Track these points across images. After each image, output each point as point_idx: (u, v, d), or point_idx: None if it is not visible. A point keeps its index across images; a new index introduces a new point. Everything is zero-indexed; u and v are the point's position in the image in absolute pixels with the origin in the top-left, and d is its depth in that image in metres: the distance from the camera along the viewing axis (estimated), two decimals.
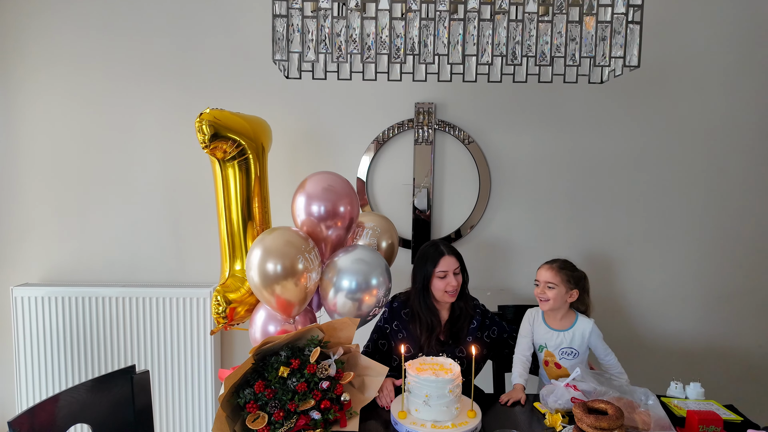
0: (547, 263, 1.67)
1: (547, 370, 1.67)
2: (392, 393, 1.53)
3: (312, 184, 1.65)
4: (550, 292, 1.61)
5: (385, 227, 1.85)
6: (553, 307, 1.63)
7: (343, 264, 1.60)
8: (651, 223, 2.27)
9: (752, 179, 2.24)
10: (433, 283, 1.68)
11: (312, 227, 1.63)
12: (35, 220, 2.25)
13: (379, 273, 1.61)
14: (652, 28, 2.10)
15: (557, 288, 1.61)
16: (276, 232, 1.58)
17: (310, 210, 1.61)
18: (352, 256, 1.61)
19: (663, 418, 1.34)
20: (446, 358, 1.47)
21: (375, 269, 1.60)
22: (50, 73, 2.20)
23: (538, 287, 1.65)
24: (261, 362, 1.39)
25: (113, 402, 1.38)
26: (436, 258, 1.68)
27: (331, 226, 1.63)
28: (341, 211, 1.63)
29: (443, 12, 1.26)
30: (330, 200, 1.61)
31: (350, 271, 1.58)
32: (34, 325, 2.12)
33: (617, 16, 1.26)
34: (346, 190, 1.67)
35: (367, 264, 1.60)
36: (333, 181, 1.66)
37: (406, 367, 1.42)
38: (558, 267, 1.64)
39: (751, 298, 2.28)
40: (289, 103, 2.21)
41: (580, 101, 2.22)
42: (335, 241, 1.67)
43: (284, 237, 1.55)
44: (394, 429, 1.38)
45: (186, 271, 2.28)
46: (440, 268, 1.67)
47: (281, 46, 1.27)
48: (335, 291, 1.59)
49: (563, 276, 1.62)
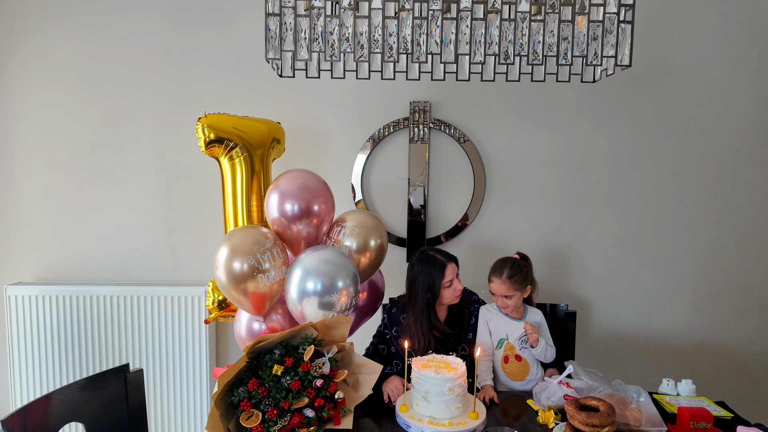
0: (495, 276, 1.68)
1: (507, 368, 1.68)
2: (400, 389, 1.54)
3: (286, 182, 1.61)
4: (509, 302, 1.68)
5: (372, 225, 1.71)
6: (514, 309, 1.71)
7: (300, 265, 1.54)
8: (644, 221, 2.29)
9: (743, 178, 2.26)
10: (443, 294, 1.66)
11: (282, 226, 1.61)
12: (29, 219, 2.24)
13: (336, 277, 1.50)
14: (644, 27, 2.12)
15: (514, 296, 1.68)
16: (236, 231, 1.58)
17: (283, 208, 1.58)
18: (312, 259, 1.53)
19: (654, 414, 1.35)
20: (455, 357, 1.48)
21: (341, 272, 1.51)
22: (44, 72, 2.19)
23: (497, 299, 1.70)
24: (255, 360, 1.39)
25: (107, 401, 1.38)
26: (441, 270, 1.64)
27: (304, 224, 1.59)
28: (315, 209, 1.59)
29: (436, 11, 1.26)
30: (304, 198, 1.58)
31: (315, 272, 1.51)
32: (27, 324, 2.12)
33: (609, 16, 1.27)
34: (321, 188, 1.63)
35: (332, 265, 1.51)
36: (307, 179, 1.62)
37: (411, 362, 1.44)
38: (507, 277, 1.66)
39: (742, 295, 2.30)
40: (283, 102, 2.21)
41: (573, 100, 2.23)
42: (308, 240, 1.64)
43: (238, 237, 1.54)
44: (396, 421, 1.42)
45: (180, 269, 2.28)
46: (447, 279, 1.64)
47: (274, 45, 1.27)
48: (288, 291, 1.55)
49: (515, 284, 1.66)
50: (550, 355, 1.68)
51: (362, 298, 1.80)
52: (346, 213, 1.77)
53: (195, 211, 2.25)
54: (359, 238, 1.67)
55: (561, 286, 2.30)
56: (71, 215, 2.24)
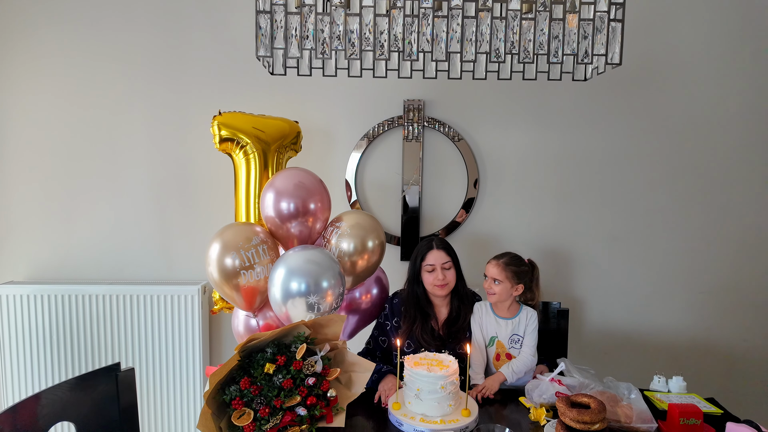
0: (495, 258, 1.72)
1: (498, 366, 1.69)
2: (394, 388, 1.54)
3: (281, 180, 1.61)
4: (496, 287, 1.67)
5: (370, 226, 1.72)
6: (500, 300, 1.69)
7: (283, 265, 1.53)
8: (636, 219, 2.30)
9: (736, 176, 2.27)
10: (423, 276, 1.70)
11: (275, 224, 1.60)
12: (20, 217, 2.23)
13: (319, 277, 1.49)
14: (636, 25, 2.12)
15: (503, 284, 1.67)
16: (228, 227, 1.59)
17: (279, 206, 1.58)
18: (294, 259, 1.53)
19: (645, 411, 1.36)
20: (447, 355, 1.48)
21: (326, 271, 1.50)
22: (36, 70, 2.17)
23: (486, 281, 1.71)
24: (247, 359, 1.38)
25: (97, 400, 1.37)
26: (425, 252, 1.71)
27: (298, 222, 1.59)
28: (311, 208, 1.59)
29: (427, 9, 1.26)
30: (300, 197, 1.58)
31: (300, 272, 1.50)
32: (19, 323, 2.11)
33: (599, 14, 1.27)
34: (317, 186, 1.63)
35: (317, 265, 1.50)
36: (303, 178, 1.62)
37: (403, 360, 1.44)
38: (504, 264, 1.68)
39: (734, 293, 2.32)
40: (277, 100, 2.21)
41: (567, 99, 2.24)
42: (301, 238, 1.64)
43: (228, 233, 1.55)
44: (388, 419, 1.42)
45: (173, 268, 2.27)
46: (428, 262, 1.69)
47: (265, 43, 1.27)
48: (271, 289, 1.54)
49: (509, 273, 1.67)
50: (526, 368, 1.64)
51: (368, 300, 1.80)
52: (343, 213, 1.76)
53: (188, 210, 2.24)
54: (356, 239, 1.66)
55: (554, 284, 2.31)
56: (63, 214, 2.23)
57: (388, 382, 1.58)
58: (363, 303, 1.79)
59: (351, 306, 1.78)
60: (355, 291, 1.78)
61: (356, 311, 1.79)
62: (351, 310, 1.78)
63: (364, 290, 1.80)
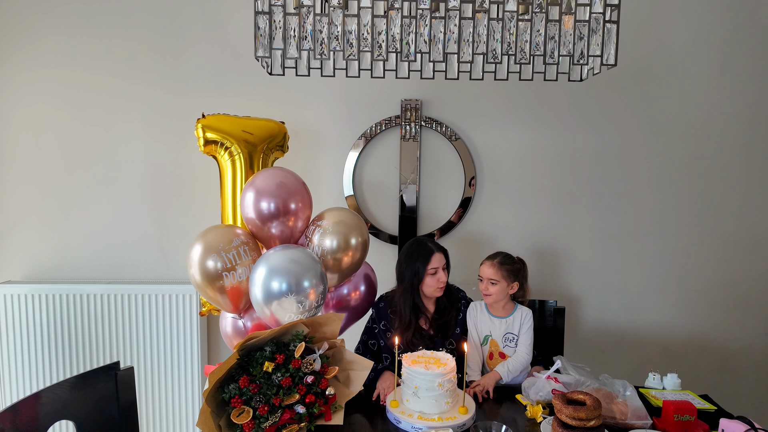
0: (489, 259, 1.73)
1: (491, 364, 1.70)
2: (392, 386, 1.55)
3: (262, 180, 1.59)
4: (492, 288, 1.69)
5: (354, 223, 1.67)
6: (496, 300, 1.71)
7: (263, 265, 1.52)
8: (632, 218, 2.32)
9: (729, 176, 2.30)
10: (425, 280, 1.69)
11: (256, 226, 1.59)
12: (18, 217, 2.22)
13: (302, 277, 1.47)
14: (632, 26, 2.14)
15: (499, 284, 1.68)
16: (209, 230, 1.59)
17: (259, 206, 1.56)
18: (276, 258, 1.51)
19: (640, 408, 1.38)
20: (445, 353, 1.49)
21: (308, 271, 1.48)
22: (34, 71, 2.17)
23: (482, 283, 1.71)
24: (246, 357, 1.39)
25: (97, 399, 1.38)
26: (427, 256, 1.68)
27: (279, 222, 1.57)
28: (292, 208, 1.57)
29: (425, 10, 1.27)
30: (281, 197, 1.55)
31: (282, 271, 1.48)
32: (17, 323, 2.11)
33: (595, 16, 1.29)
34: (298, 186, 1.61)
35: (300, 264, 1.48)
36: (284, 177, 1.59)
37: (401, 358, 1.45)
38: (499, 263, 1.70)
39: (728, 291, 2.34)
40: (275, 100, 2.21)
41: (563, 99, 2.25)
42: (282, 238, 1.62)
43: (209, 235, 1.55)
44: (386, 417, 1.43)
45: (171, 267, 2.27)
46: (432, 266, 1.68)
47: (264, 43, 1.28)
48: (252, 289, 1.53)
49: (504, 272, 1.69)
50: (522, 366, 1.65)
51: (356, 297, 1.80)
52: (325, 211, 1.71)
53: (185, 209, 2.24)
54: (339, 236, 1.62)
55: (550, 283, 2.33)
56: (61, 213, 2.23)
57: (386, 380, 1.59)
58: (352, 300, 1.78)
59: (340, 303, 1.77)
60: (343, 288, 1.77)
61: (345, 308, 1.79)
62: (340, 308, 1.78)
63: (352, 287, 1.79)
